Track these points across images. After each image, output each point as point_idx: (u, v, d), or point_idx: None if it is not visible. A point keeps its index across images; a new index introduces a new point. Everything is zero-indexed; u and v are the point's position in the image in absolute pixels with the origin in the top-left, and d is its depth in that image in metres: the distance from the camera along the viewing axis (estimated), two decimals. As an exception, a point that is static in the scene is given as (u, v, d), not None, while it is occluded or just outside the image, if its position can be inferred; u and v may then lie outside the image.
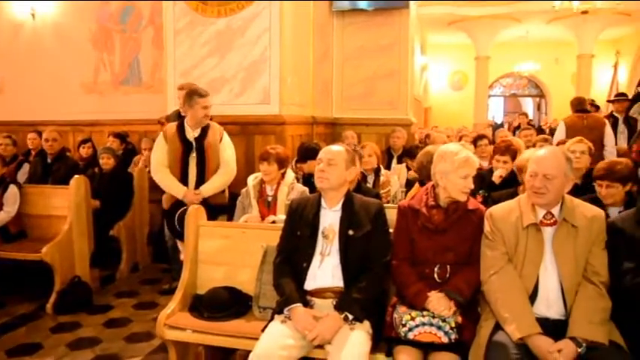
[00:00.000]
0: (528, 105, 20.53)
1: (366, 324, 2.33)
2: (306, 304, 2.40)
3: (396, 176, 4.29)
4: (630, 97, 6.96)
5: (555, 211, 2.27)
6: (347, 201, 2.50)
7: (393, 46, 6.50)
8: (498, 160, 3.88)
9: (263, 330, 2.38)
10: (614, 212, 2.80)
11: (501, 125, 12.39)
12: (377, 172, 4.07)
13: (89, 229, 4.48)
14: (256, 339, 2.32)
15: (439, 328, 2.20)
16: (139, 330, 3.72)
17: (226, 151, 4.01)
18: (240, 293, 2.88)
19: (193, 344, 2.86)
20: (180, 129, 3.92)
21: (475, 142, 5.40)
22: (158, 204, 4.40)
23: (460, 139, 7.12)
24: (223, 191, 4.08)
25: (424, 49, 15.21)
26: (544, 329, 2.14)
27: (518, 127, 10.31)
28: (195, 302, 2.86)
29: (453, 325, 2.20)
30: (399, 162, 5.48)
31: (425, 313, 2.24)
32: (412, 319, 2.23)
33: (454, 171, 2.37)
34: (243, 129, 5.04)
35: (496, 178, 3.79)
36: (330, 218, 2.48)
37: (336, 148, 2.56)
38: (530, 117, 16.36)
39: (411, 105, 6.86)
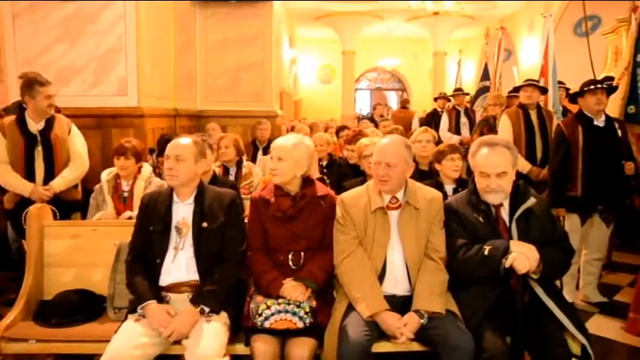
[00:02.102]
0: (392, 98, 21.79)
1: (224, 315, 2.32)
2: (161, 301, 2.33)
3: (258, 168, 4.31)
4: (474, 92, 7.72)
5: (400, 195, 2.44)
6: (199, 193, 2.46)
7: (257, 38, 6.50)
8: (348, 149, 4.10)
9: (117, 331, 2.27)
10: (449, 189, 3.15)
11: (370, 117, 12.98)
12: (239, 163, 4.05)
13: None
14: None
15: (294, 314, 2.25)
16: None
17: (76, 143, 3.75)
18: (92, 295, 2.73)
19: (40, 355, 2.64)
20: (21, 121, 3.59)
21: (338, 132, 5.62)
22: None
23: (326, 130, 7.37)
24: (76, 186, 3.83)
25: (293, 43, 15.42)
26: (392, 306, 2.31)
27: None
28: (41, 309, 2.65)
29: (308, 309, 2.27)
30: (265, 154, 5.52)
31: (280, 300, 2.29)
32: (268, 307, 2.27)
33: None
34: (99, 122, 4.72)
35: None
36: (183, 212, 2.43)
37: (183, 141, 2.48)
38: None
39: (277, 97, 6.94)
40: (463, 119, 6.99)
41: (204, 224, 2.39)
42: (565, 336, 2.26)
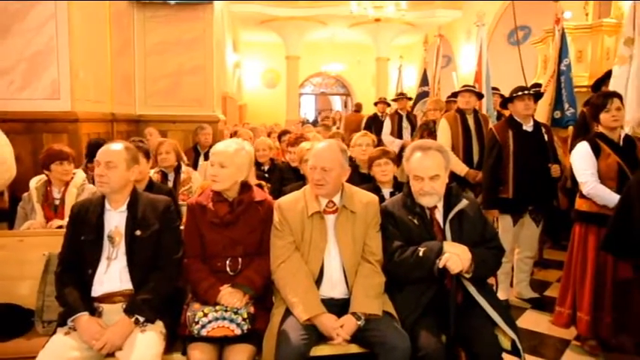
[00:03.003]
0: (337, 103, 22.01)
1: (159, 324, 2.26)
2: (93, 312, 2.24)
3: (197, 173, 4.24)
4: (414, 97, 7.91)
5: (336, 199, 2.47)
6: (132, 201, 2.38)
7: (197, 41, 6.39)
8: (289, 151, 4.13)
9: (44, 346, 2.17)
10: (386, 192, 3.20)
11: (314, 122, 13.07)
12: (177, 169, 3.98)
13: None
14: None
15: (231, 320, 2.23)
16: None
17: (1, 149, 3.56)
18: (19, 309, 2.60)
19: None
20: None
21: (280, 137, 5.62)
22: None
23: (269, 135, 7.36)
24: (2, 194, 3.63)
25: (237, 47, 15.31)
26: (330, 309, 2.33)
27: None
28: (-40, 328, 2.49)
29: (246, 316, 2.25)
30: (206, 159, 5.44)
31: (218, 307, 2.26)
32: (205, 315, 2.23)
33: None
34: (29, 127, 4.52)
35: None
36: (115, 220, 2.35)
37: (114, 147, 2.40)
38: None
39: (219, 101, 6.86)
40: (405, 123, 7.15)
41: (138, 232, 2.32)
42: (496, 332, 2.35)
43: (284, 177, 4.05)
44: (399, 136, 7.00)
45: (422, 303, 2.34)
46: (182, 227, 2.53)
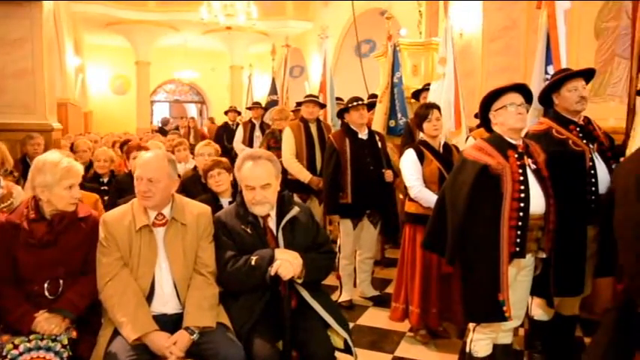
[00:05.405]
0: (192, 110, 21.45)
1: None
2: None
3: (19, 188, 3.83)
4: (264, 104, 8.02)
5: (166, 211, 2.39)
6: None
7: (24, 41, 5.76)
8: (131, 157, 3.98)
9: None
10: (225, 202, 3.19)
11: (162, 130, 12.54)
12: (-6, 184, 3.55)
13: None
14: None
15: (48, 349, 2.06)
16: None
17: None
18: None
19: None
20: None
21: (122, 147, 5.32)
22: None
23: (113, 145, 6.94)
24: None
25: (80, 50, 14.23)
26: (164, 325, 2.25)
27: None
28: None
29: (66, 342, 2.10)
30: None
31: (32, 337, 2.07)
32: (15, 347, 2.02)
33: (57, 183, 2.25)
34: None
35: None
36: None
37: None
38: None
39: (53, 108, 6.28)
40: (257, 132, 7.22)
41: None
42: (329, 332, 2.45)
43: (121, 188, 3.83)
44: (251, 144, 7.05)
45: (256, 311, 2.36)
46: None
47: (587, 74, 2.94)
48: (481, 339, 2.67)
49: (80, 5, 12.24)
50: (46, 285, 2.22)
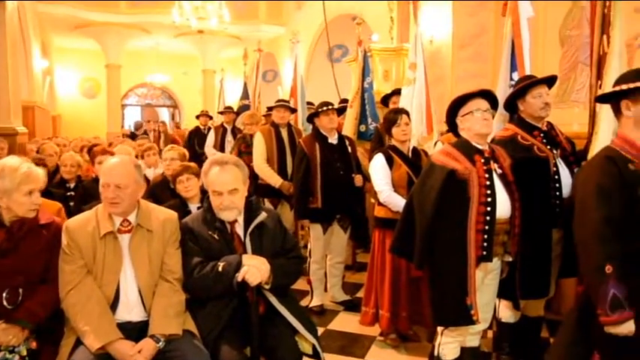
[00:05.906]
0: (164, 114, 21.20)
1: None
2: None
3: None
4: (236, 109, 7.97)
5: (132, 217, 2.35)
6: None
7: (-15, 43, 5.66)
8: (96, 162, 3.93)
9: None
10: (193, 208, 3.15)
11: (132, 135, 12.33)
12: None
13: None
14: None
15: (6, 360, 1.99)
16: None
17: None
18: None
19: None
20: None
21: (89, 151, 5.22)
22: None
23: (81, 149, 6.80)
24: None
25: (47, 52, 13.94)
26: (129, 333, 2.21)
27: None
28: None
29: (25, 353, 2.05)
30: (-1, 177, 4.82)
31: (-13, 348, 2.00)
32: (-29, 358, 1.96)
33: (16, 188, 2.19)
34: None
35: None
36: None
37: None
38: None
39: (17, 112, 6.13)
40: (229, 137, 7.17)
41: None
42: (297, 338, 2.44)
43: (87, 194, 3.76)
44: (222, 149, 6.99)
45: (223, 318, 2.33)
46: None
47: (550, 81, 3.01)
48: (449, 342, 2.69)
49: (46, 6, 11.96)
50: (4, 294, 2.15)
